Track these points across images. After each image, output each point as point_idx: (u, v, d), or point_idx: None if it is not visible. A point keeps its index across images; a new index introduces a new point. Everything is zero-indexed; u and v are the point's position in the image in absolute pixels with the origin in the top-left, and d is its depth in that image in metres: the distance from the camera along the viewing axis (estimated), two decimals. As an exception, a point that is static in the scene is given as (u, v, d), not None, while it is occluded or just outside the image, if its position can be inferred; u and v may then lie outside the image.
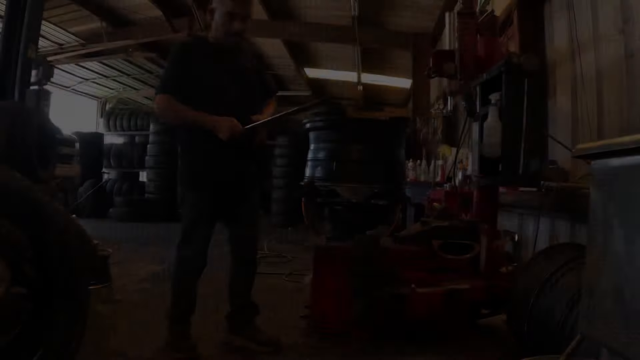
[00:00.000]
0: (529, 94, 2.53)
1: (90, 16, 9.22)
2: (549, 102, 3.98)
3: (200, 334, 2.38)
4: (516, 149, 2.53)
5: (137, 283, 3.71)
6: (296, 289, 3.30)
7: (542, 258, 2.22)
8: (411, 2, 7.88)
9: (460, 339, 2.56)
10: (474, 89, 2.93)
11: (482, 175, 2.81)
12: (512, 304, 2.23)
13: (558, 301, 1.86)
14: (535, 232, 3.24)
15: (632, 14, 2.69)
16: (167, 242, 6.06)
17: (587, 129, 3.24)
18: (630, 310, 0.95)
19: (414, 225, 2.95)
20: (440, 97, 8.30)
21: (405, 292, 2.35)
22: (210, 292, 2.69)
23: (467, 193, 3.95)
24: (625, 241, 0.98)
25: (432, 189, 5.21)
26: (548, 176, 3.06)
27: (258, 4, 8.79)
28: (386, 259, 2.58)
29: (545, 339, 1.87)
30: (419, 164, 6.59)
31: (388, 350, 2.39)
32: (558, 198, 2.85)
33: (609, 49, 2.99)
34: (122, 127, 11.37)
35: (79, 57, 10.60)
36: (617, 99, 2.90)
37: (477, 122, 2.87)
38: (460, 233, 2.66)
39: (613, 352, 1.01)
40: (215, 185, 2.27)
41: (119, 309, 3.00)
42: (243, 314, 2.43)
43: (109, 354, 2.23)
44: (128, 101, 14.79)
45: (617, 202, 1.02)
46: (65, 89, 12.85)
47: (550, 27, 3.97)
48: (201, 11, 8.80)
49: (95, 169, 10.64)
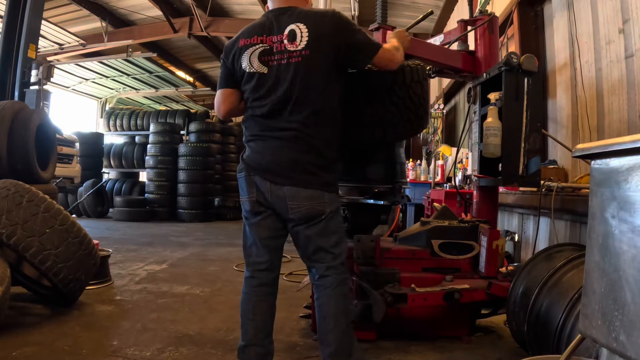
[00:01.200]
0: (528, 94, 2.53)
1: (90, 16, 9.23)
2: (549, 102, 3.98)
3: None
4: (516, 149, 2.53)
5: (137, 283, 3.71)
6: (296, 289, 3.30)
7: (542, 258, 2.22)
8: (411, 2, 7.89)
9: (460, 339, 2.57)
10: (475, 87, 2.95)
11: (482, 175, 2.81)
12: (512, 304, 2.23)
13: (558, 301, 1.86)
14: (535, 232, 3.25)
15: (632, 14, 2.69)
16: (167, 242, 6.10)
17: (587, 129, 3.24)
18: (630, 310, 0.95)
19: (414, 225, 2.95)
20: (440, 97, 8.31)
21: (405, 292, 2.35)
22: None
23: (467, 193, 3.96)
24: (625, 241, 0.98)
25: (432, 189, 5.22)
26: (548, 176, 3.07)
27: (258, 4, 8.80)
28: (386, 259, 2.59)
29: (545, 338, 1.87)
30: (418, 164, 6.59)
31: (388, 350, 2.39)
32: (558, 198, 2.85)
33: (608, 49, 2.99)
34: (122, 127, 11.38)
35: (79, 57, 10.61)
36: (617, 99, 2.90)
37: (477, 121, 2.88)
38: (460, 233, 2.66)
39: (613, 352, 1.01)
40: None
41: (119, 309, 3.00)
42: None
43: (109, 354, 2.23)
44: (128, 101, 14.81)
45: (617, 202, 1.01)
46: (65, 89, 12.86)
47: (550, 27, 3.97)
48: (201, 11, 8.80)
49: (95, 169, 10.66)
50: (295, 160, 1.82)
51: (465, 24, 3.08)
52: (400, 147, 2.75)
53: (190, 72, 13.58)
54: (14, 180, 2.78)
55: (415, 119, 2.30)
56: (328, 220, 1.85)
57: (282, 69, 1.82)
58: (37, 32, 4.39)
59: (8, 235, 2.49)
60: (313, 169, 1.83)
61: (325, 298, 1.87)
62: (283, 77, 1.82)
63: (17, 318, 2.72)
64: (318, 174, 1.84)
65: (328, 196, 1.85)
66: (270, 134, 1.86)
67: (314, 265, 1.91)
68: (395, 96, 2.20)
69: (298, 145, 1.82)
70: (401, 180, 2.67)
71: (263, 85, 1.85)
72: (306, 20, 1.82)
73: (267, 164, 1.85)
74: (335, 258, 1.88)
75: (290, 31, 1.82)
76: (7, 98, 4.21)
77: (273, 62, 1.84)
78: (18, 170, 3.55)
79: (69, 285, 2.72)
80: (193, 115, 11.25)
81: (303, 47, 1.80)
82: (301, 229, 1.86)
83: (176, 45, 11.74)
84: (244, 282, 1.98)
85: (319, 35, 1.81)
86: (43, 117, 4.03)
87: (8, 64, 4.27)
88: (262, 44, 1.86)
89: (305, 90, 1.81)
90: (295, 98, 1.81)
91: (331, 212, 1.86)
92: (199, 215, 9.42)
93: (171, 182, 9.64)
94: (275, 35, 1.84)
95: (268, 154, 1.85)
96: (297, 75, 1.81)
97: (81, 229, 2.83)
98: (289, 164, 1.82)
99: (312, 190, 1.81)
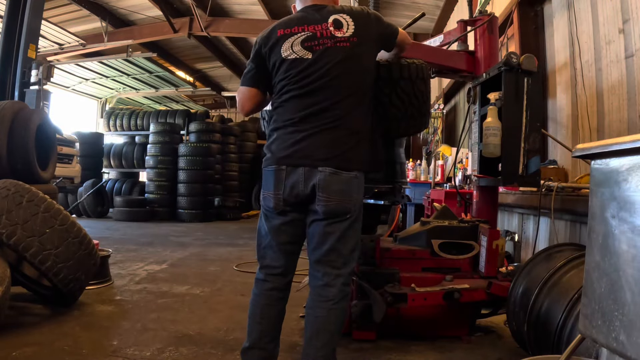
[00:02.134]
0: (528, 94, 2.53)
1: (90, 16, 9.23)
2: (549, 102, 3.98)
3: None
4: (516, 149, 2.53)
5: (137, 283, 3.71)
6: (296, 289, 3.29)
7: (542, 258, 2.22)
8: (411, 2, 7.90)
9: (460, 339, 2.57)
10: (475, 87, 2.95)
11: (482, 175, 2.81)
12: (512, 304, 2.23)
13: (558, 301, 1.86)
14: (535, 232, 3.25)
15: (632, 14, 2.69)
16: (167, 242, 6.10)
17: (587, 129, 3.24)
18: (630, 310, 0.95)
19: (414, 225, 2.95)
20: (440, 97, 8.30)
21: (405, 292, 2.35)
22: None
23: (467, 193, 3.95)
24: (625, 241, 0.98)
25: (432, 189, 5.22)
26: (548, 176, 3.07)
27: (258, 4, 8.80)
28: (386, 259, 2.59)
29: (545, 338, 1.87)
30: (419, 164, 6.59)
31: (388, 350, 2.39)
32: (558, 198, 2.85)
33: (608, 49, 2.99)
34: (122, 127, 11.38)
35: (79, 57, 10.62)
36: (617, 99, 2.90)
37: (477, 121, 2.88)
38: (460, 233, 2.66)
39: (613, 352, 1.01)
40: None
41: (119, 309, 3.00)
42: None
43: (109, 354, 2.23)
44: (128, 101, 14.81)
45: (617, 202, 1.01)
46: (65, 89, 12.86)
47: (550, 27, 3.97)
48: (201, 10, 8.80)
49: (95, 169, 10.66)
50: (334, 140, 1.80)
51: (465, 24, 3.08)
52: (400, 147, 2.75)
53: (190, 72, 13.59)
54: (14, 180, 2.78)
55: (419, 115, 2.31)
56: (353, 222, 1.82)
57: (330, 52, 1.84)
58: (37, 32, 4.39)
59: (8, 235, 2.49)
60: (350, 152, 1.82)
61: (324, 310, 1.78)
62: (330, 60, 1.83)
63: (17, 318, 2.72)
64: (354, 157, 1.82)
65: (356, 196, 1.83)
66: (312, 117, 1.83)
67: (323, 269, 1.82)
68: (401, 90, 2.23)
69: (339, 130, 1.82)
70: (401, 180, 2.68)
71: (306, 69, 1.84)
72: (349, 13, 1.89)
73: (303, 149, 1.80)
74: (346, 265, 1.83)
75: (335, 20, 1.86)
76: (7, 98, 4.21)
77: (318, 47, 1.85)
78: (18, 170, 3.55)
79: (69, 285, 2.72)
80: (193, 115, 11.25)
81: (351, 34, 1.85)
82: (322, 224, 1.80)
83: (176, 45, 11.75)
84: (255, 284, 1.93)
85: (363, 26, 1.88)
86: (43, 117, 4.03)
87: (8, 64, 4.27)
88: (304, 32, 1.87)
89: (350, 75, 1.85)
90: (341, 81, 1.84)
91: (356, 213, 1.84)
92: (199, 215, 9.42)
93: (171, 182, 9.64)
94: (319, 24, 1.87)
95: (306, 139, 1.81)
96: (347, 59, 1.83)
97: (81, 229, 2.83)
98: (329, 143, 1.79)
99: (346, 174, 1.79)
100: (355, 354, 2.35)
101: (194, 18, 9.42)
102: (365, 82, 1.91)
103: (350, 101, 1.84)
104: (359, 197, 1.86)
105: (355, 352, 2.36)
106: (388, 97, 2.20)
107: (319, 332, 1.78)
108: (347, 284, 1.84)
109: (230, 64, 13.02)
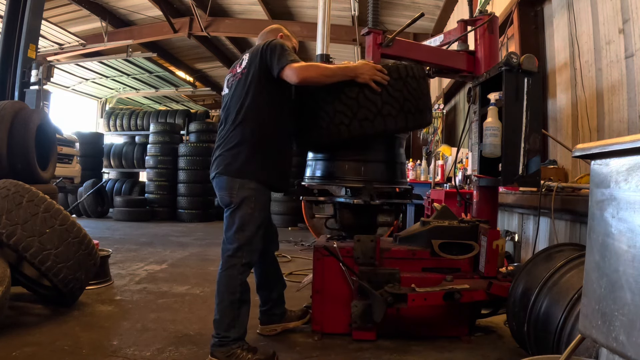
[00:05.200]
0: (528, 94, 2.53)
1: (90, 16, 9.23)
2: (549, 102, 3.98)
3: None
4: (516, 149, 2.53)
5: (137, 283, 3.71)
6: (296, 289, 3.30)
7: (542, 258, 2.22)
8: (411, 2, 7.89)
9: (460, 339, 2.57)
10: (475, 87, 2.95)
11: (482, 175, 2.81)
12: (512, 304, 2.23)
13: (558, 301, 1.86)
14: (535, 232, 3.24)
15: (632, 14, 2.69)
16: (167, 242, 6.10)
17: (587, 129, 3.24)
18: (630, 310, 0.95)
19: (414, 225, 2.95)
20: (440, 97, 8.30)
21: (405, 292, 2.35)
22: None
23: (467, 193, 3.95)
24: (624, 241, 0.98)
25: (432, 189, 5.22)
26: (548, 176, 3.07)
27: (258, 4, 8.80)
28: (386, 259, 2.59)
29: (545, 338, 1.87)
30: (419, 164, 6.59)
31: (388, 350, 2.39)
32: (558, 198, 2.85)
33: (608, 49, 2.99)
34: (122, 127, 11.38)
35: (79, 57, 10.61)
36: (617, 99, 2.90)
37: (477, 121, 2.88)
38: (460, 233, 2.66)
39: (613, 352, 1.01)
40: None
41: (119, 309, 3.00)
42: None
43: (109, 354, 2.23)
44: (128, 101, 14.81)
45: (617, 202, 1.01)
46: (65, 89, 12.87)
47: (550, 27, 3.97)
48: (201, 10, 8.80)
49: (95, 169, 10.66)
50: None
51: (465, 24, 3.08)
52: (401, 147, 2.75)
53: (190, 72, 13.58)
54: (14, 180, 2.78)
55: (416, 111, 2.40)
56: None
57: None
58: (37, 32, 4.39)
59: (8, 235, 2.49)
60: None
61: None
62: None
63: (17, 318, 2.72)
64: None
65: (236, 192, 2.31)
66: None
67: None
68: (392, 89, 2.37)
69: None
70: (401, 180, 2.68)
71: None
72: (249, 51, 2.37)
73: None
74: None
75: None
76: (7, 98, 4.21)
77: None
78: (18, 170, 3.55)
79: (69, 285, 2.72)
80: (193, 115, 11.25)
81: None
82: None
83: (176, 45, 11.74)
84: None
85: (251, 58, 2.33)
86: (43, 117, 4.03)
87: (8, 64, 4.27)
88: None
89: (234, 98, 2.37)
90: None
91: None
92: (199, 215, 9.42)
93: (171, 182, 9.64)
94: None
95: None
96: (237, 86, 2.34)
97: (81, 229, 2.83)
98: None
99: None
100: (355, 354, 2.35)
101: (194, 18, 9.42)
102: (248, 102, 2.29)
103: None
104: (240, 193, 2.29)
105: (355, 352, 2.36)
106: (380, 96, 2.35)
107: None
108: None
109: (230, 64, 12.95)
